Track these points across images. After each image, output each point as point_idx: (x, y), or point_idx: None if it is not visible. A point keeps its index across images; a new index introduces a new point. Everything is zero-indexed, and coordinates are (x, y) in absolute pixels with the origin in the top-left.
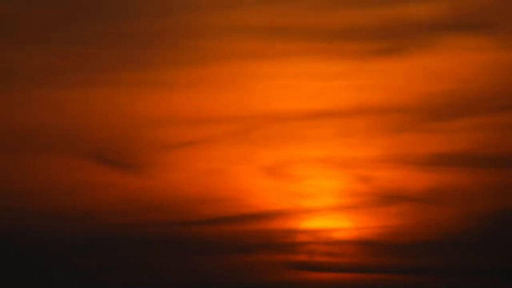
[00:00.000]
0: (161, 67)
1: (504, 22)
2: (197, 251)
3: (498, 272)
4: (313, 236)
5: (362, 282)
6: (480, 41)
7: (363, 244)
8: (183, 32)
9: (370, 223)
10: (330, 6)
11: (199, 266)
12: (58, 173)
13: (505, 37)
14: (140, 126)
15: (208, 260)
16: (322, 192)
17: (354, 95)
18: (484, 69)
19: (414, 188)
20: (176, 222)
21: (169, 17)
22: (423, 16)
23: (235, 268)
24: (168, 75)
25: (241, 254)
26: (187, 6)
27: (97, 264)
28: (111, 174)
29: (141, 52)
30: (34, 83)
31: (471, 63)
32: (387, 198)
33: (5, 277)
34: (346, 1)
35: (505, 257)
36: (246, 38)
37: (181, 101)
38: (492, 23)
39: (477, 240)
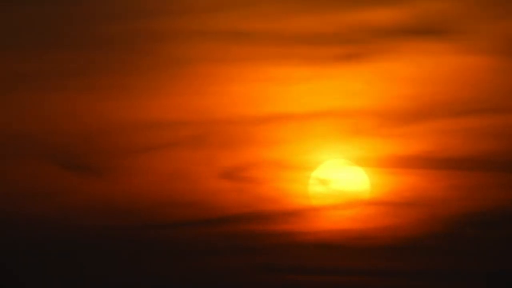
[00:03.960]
0: (123, 72)
1: (465, 28)
2: (162, 254)
3: (462, 275)
4: (275, 239)
5: (326, 285)
6: (442, 46)
7: (326, 247)
8: (145, 37)
9: (331, 226)
10: (292, 11)
11: (164, 269)
12: (21, 178)
13: (466, 42)
14: (103, 130)
15: (173, 263)
16: (283, 195)
17: (316, 99)
18: (445, 74)
19: (374, 191)
20: (141, 226)
21: (129, 21)
22: (385, 21)
23: (200, 271)
24: (129, 79)
25: (205, 257)
26: (148, 11)
27: (61, 268)
28: (74, 179)
29: (102, 57)
30: None
31: (432, 68)
32: (348, 202)
33: None
34: (309, 6)
35: (468, 259)
36: (207, 42)
37: (142, 105)
38: (453, 28)
39: (439, 242)
